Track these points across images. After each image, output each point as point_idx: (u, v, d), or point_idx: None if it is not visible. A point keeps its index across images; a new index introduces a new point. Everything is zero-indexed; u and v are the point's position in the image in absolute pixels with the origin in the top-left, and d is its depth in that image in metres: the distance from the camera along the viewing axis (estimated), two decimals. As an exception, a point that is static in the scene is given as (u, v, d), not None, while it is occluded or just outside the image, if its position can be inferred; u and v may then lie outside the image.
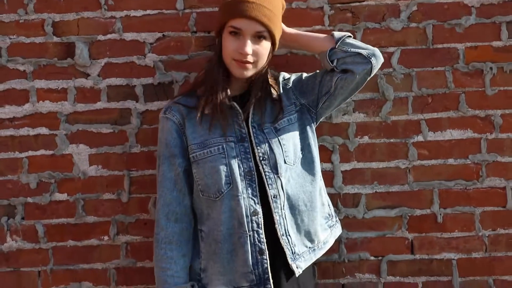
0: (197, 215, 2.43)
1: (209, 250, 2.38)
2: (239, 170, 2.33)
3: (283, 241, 2.33)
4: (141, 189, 2.75)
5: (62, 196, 2.77)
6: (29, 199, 2.77)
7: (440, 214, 2.75)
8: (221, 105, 2.33)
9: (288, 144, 2.38)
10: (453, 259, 2.76)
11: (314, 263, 2.61)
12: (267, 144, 2.35)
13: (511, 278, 2.75)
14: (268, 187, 2.32)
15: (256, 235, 2.32)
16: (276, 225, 2.32)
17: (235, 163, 2.33)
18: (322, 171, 2.66)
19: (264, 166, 2.33)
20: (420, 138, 2.74)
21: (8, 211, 2.77)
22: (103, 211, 2.76)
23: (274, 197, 2.33)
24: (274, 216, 2.32)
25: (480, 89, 2.74)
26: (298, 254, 2.36)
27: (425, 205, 2.75)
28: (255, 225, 2.32)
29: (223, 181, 2.32)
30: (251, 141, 2.36)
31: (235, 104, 2.36)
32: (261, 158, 2.34)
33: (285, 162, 2.35)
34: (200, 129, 2.37)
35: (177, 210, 2.39)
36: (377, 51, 2.40)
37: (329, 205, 2.53)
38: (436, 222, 2.75)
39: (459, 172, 2.75)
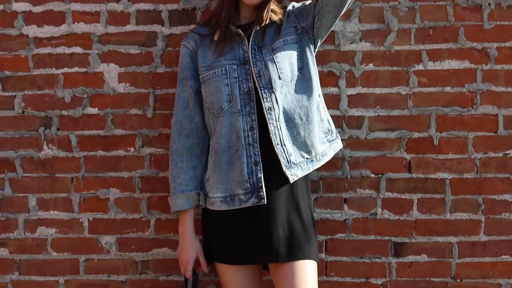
0: (208, 131, 2.71)
1: (211, 162, 2.67)
2: (239, 90, 2.58)
3: (278, 150, 2.56)
4: (165, 106, 3.00)
5: (93, 110, 3.03)
6: (64, 112, 3.03)
7: (436, 137, 2.95)
8: (228, 32, 2.61)
9: (283, 62, 2.58)
10: (447, 178, 2.97)
11: (319, 179, 2.86)
12: (262, 63, 2.57)
13: (499, 197, 2.96)
14: (263, 100, 2.56)
15: (252, 148, 2.59)
16: (271, 135, 2.56)
17: (235, 83, 2.59)
18: (329, 95, 2.90)
19: (260, 82, 2.58)
20: (420, 67, 2.94)
21: (45, 122, 3.04)
22: (130, 125, 3.03)
23: (268, 110, 2.57)
24: (269, 126, 2.55)
25: (478, 23, 2.92)
26: (294, 163, 2.57)
27: (423, 128, 2.95)
28: (251, 139, 2.58)
29: (224, 99, 2.60)
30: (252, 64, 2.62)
31: (240, 31, 2.62)
32: (256, 76, 2.57)
33: (280, 78, 2.56)
34: (210, 53, 2.66)
35: (187, 126, 2.70)
36: None
37: (329, 122, 2.72)
38: (432, 144, 2.96)
39: (455, 99, 2.95)
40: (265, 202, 2.55)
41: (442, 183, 2.96)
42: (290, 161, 2.57)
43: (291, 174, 2.58)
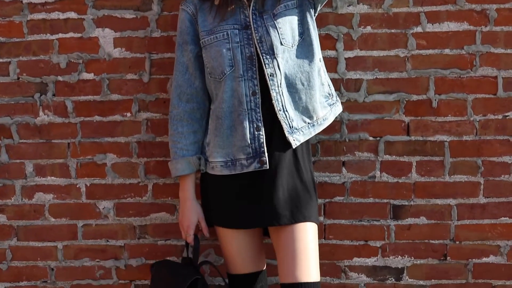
0: (210, 96, 2.69)
1: (212, 126, 2.65)
2: (241, 55, 2.55)
3: (280, 116, 2.56)
4: (161, 70, 2.98)
5: (89, 76, 3.01)
6: (59, 78, 3.01)
7: (435, 100, 2.94)
8: None
9: (285, 28, 2.56)
10: (446, 141, 2.96)
11: (317, 142, 2.85)
12: (264, 28, 2.54)
13: (498, 159, 2.95)
14: (265, 66, 2.54)
15: (254, 113, 2.57)
16: (273, 102, 2.55)
17: (237, 48, 2.56)
18: (327, 58, 2.88)
19: (261, 48, 2.55)
20: (419, 29, 2.92)
21: (41, 88, 3.02)
22: (126, 90, 3.00)
23: (270, 76, 2.55)
24: (271, 93, 2.54)
25: (477, -16, 2.88)
26: (296, 128, 2.58)
27: (422, 91, 2.94)
28: (253, 104, 2.57)
29: (226, 64, 2.57)
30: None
31: None
32: (258, 41, 2.55)
33: (281, 44, 2.54)
34: (210, 18, 2.62)
35: (187, 91, 2.67)
36: None
37: (329, 85, 2.72)
38: (431, 106, 2.94)
39: (454, 61, 2.92)
40: (268, 167, 2.55)
41: (441, 145, 2.95)
42: (292, 127, 2.56)
43: (293, 140, 2.57)
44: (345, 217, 2.99)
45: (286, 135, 2.56)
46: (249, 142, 2.57)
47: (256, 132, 2.57)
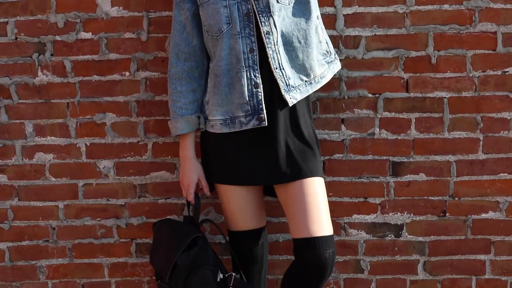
0: (208, 54, 2.68)
1: (211, 84, 2.64)
2: (238, 12, 2.52)
3: (277, 74, 2.54)
4: (159, 29, 2.97)
5: (87, 35, 3.00)
6: (57, 37, 3.00)
7: (434, 56, 2.93)
8: None
9: None
10: (445, 97, 2.95)
11: (316, 99, 2.85)
12: None
13: (497, 115, 2.95)
14: (261, 24, 2.51)
15: (252, 70, 2.56)
16: (270, 60, 2.53)
17: (234, 5, 2.53)
18: (325, 15, 2.86)
19: (258, 6, 2.52)
20: (418, -16, 2.89)
21: (39, 48, 3.01)
22: (124, 49, 2.99)
23: (267, 34, 2.53)
24: (267, 51, 2.52)
25: None
26: (293, 86, 2.56)
27: (421, 47, 2.92)
28: (251, 61, 2.56)
29: (223, 21, 2.55)
30: None
31: None
32: None
33: (277, 2, 2.51)
34: None
35: (185, 50, 2.66)
36: None
37: (327, 43, 2.70)
38: (430, 63, 2.93)
39: (453, 17, 2.90)
40: (266, 124, 2.55)
41: (440, 102, 2.95)
42: (289, 85, 2.55)
43: (290, 98, 2.56)
44: (345, 174, 3.00)
45: (283, 93, 2.54)
46: (247, 99, 2.57)
47: (254, 90, 2.56)
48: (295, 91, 2.58)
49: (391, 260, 3.05)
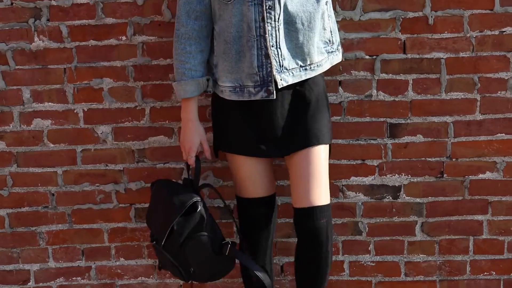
0: (212, 16, 2.62)
1: (220, 49, 2.60)
2: None
3: (271, 52, 2.47)
4: (155, -8, 2.95)
5: (83, -1, 2.98)
6: (53, 2, 2.98)
7: (431, 17, 2.91)
8: None
9: None
10: (442, 58, 2.94)
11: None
12: None
13: (495, 75, 2.94)
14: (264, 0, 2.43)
15: (262, 40, 2.51)
16: (267, 35, 2.46)
17: None
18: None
19: None
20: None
21: (35, 13, 2.99)
22: (120, 13, 2.97)
23: (268, 8, 2.45)
24: (266, 26, 2.45)
25: None
26: (286, 68, 2.50)
27: (418, 8, 2.90)
28: (262, 31, 2.50)
29: None
30: None
31: None
32: None
33: None
34: None
35: (197, 8, 2.57)
36: None
37: (331, 32, 2.63)
38: (427, 24, 2.92)
39: (451, -23, 2.89)
40: (274, 97, 2.52)
41: (437, 62, 2.95)
42: (282, 65, 2.50)
43: (280, 79, 2.50)
44: (342, 136, 3.00)
45: (274, 73, 2.49)
46: (257, 70, 2.52)
47: (264, 60, 2.52)
48: (288, 74, 2.52)
49: (389, 222, 3.06)
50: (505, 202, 3.03)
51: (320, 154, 2.60)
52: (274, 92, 2.52)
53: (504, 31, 2.90)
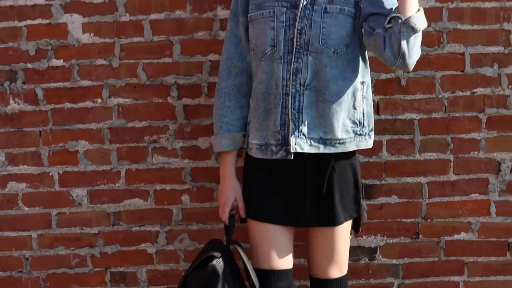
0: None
1: (252, 106, 2.58)
2: (284, 35, 2.41)
3: (292, 115, 2.42)
4: (130, 55, 2.98)
5: (59, 62, 3.00)
6: (29, 65, 3.00)
7: (404, 78, 2.95)
8: None
9: (330, 30, 2.40)
10: (415, 119, 2.97)
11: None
12: (309, 21, 2.40)
13: (467, 136, 2.97)
14: (294, 59, 2.41)
15: (287, 99, 2.45)
16: (289, 97, 2.42)
17: (281, 28, 2.41)
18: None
19: (298, 40, 2.41)
20: (386, 8, 2.92)
21: (10, 76, 3.00)
22: (96, 76, 2.99)
23: (295, 70, 2.41)
24: (290, 88, 2.42)
25: (443, -37, 2.89)
26: (305, 135, 2.44)
27: (390, 69, 2.92)
28: (288, 89, 2.44)
29: (268, 43, 2.44)
30: None
31: None
32: (298, 32, 2.41)
33: (320, 44, 2.39)
34: None
35: (239, 64, 2.56)
36: (409, 62, 2.39)
37: (364, 114, 2.52)
38: (400, 85, 2.95)
39: (422, 38, 2.93)
40: (291, 158, 2.44)
41: (411, 123, 2.97)
42: (300, 131, 2.43)
43: (295, 144, 2.43)
44: (318, 197, 2.98)
45: (289, 137, 2.44)
46: (279, 128, 2.45)
47: (287, 119, 2.46)
48: (305, 141, 2.45)
49: (365, 284, 3.05)
50: (481, 262, 3.02)
51: (341, 232, 2.55)
52: (292, 152, 2.45)
53: (475, 92, 2.94)
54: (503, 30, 2.92)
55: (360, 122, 2.51)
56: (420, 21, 2.32)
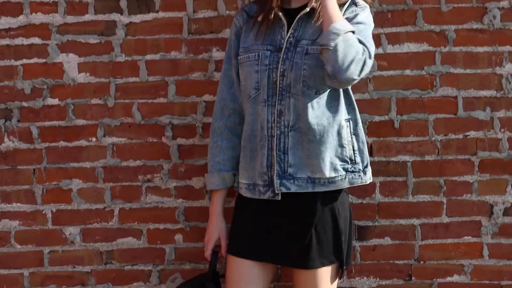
0: None
1: (242, 146, 2.61)
2: (267, 79, 2.44)
3: (277, 156, 2.44)
4: (125, 95, 3.00)
5: (54, 101, 3.01)
6: (24, 103, 3.01)
7: (397, 120, 2.97)
8: (271, 14, 2.45)
9: (311, 71, 2.40)
10: (408, 161, 2.98)
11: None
12: (290, 63, 2.42)
13: (460, 178, 2.98)
14: (277, 101, 2.44)
15: (272, 141, 2.51)
16: (274, 138, 2.44)
17: (265, 71, 2.45)
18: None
19: (281, 82, 2.43)
20: (380, 50, 2.95)
21: (5, 114, 3.02)
22: (91, 115, 3.01)
23: (279, 113, 2.44)
24: (275, 130, 2.44)
25: (436, 6, 2.93)
26: (291, 175, 2.44)
27: (384, 112, 2.96)
28: (273, 131, 2.47)
29: (252, 86, 2.47)
30: None
31: (281, 14, 2.45)
32: (281, 74, 2.43)
33: (301, 85, 2.41)
34: (252, 35, 2.53)
35: (231, 106, 2.62)
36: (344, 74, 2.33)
37: (354, 151, 2.51)
38: (393, 127, 2.97)
39: (415, 82, 2.96)
40: (279, 199, 2.45)
41: (404, 165, 2.98)
42: (286, 172, 2.44)
43: (280, 185, 2.44)
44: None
45: (274, 179, 2.45)
46: (266, 169, 2.47)
47: (273, 160, 2.49)
48: (292, 182, 2.45)
49: (359, 325, 3.04)
50: (474, 305, 3.02)
51: (321, 276, 2.52)
52: (280, 194, 2.46)
53: (468, 135, 2.96)
54: (495, 74, 2.94)
55: (351, 159, 2.50)
56: (323, 37, 2.32)
